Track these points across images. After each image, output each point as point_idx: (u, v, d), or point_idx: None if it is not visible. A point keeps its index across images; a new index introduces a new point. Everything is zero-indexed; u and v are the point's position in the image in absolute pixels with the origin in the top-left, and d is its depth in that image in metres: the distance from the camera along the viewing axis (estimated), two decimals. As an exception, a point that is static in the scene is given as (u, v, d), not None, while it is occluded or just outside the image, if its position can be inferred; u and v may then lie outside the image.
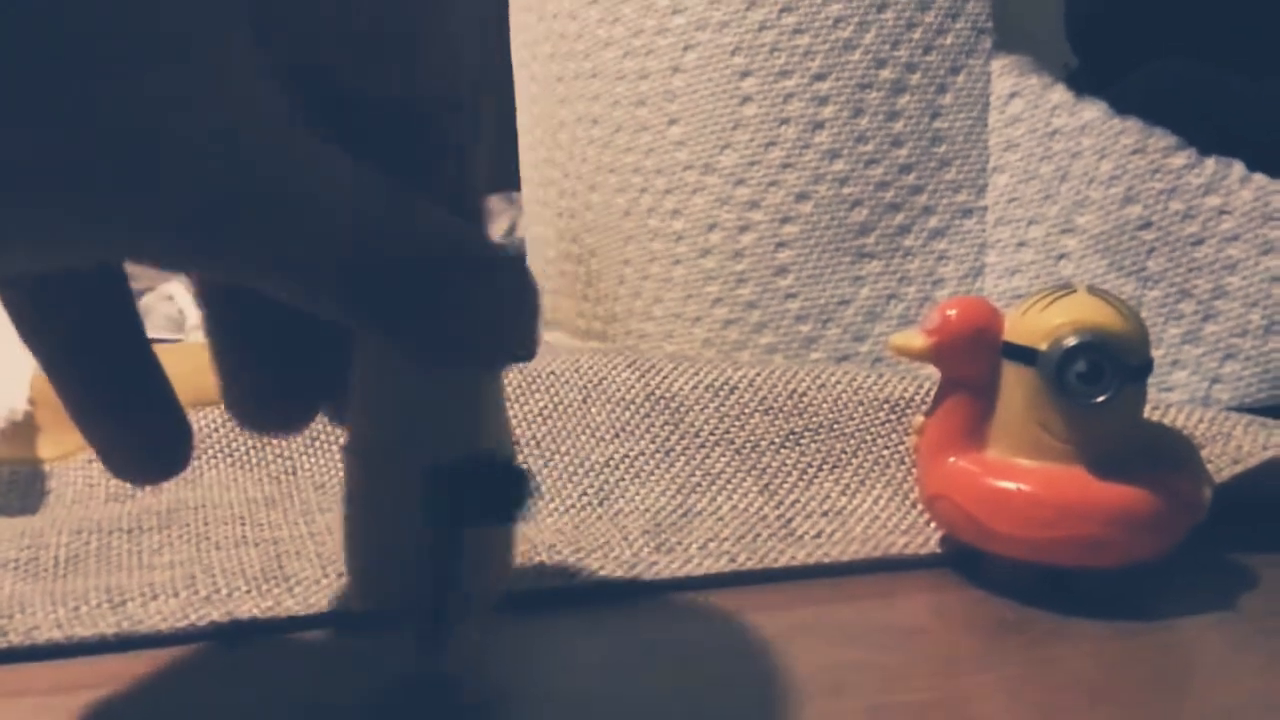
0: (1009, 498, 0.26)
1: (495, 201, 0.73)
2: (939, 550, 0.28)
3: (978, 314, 0.27)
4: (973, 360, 0.27)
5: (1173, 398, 0.34)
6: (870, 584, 0.27)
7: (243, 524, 0.29)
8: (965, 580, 0.28)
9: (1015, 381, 0.26)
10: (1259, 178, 0.33)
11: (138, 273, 0.64)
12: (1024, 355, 0.26)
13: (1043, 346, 0.26)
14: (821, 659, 0.24)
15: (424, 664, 0.21)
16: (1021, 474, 0.26)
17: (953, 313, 0.27)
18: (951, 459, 0.27)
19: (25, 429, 0.33)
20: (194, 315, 0.46)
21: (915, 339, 0.27)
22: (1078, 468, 0.26)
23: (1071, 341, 0.25)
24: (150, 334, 0.46)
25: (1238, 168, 0.34)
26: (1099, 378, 0.25)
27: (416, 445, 0.20)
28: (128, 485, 0.31)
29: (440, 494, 0.19)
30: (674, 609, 0.26)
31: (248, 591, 0.25)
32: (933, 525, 0.29)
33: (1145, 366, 0.26)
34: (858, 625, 0.25)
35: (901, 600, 0.27)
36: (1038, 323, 0.26)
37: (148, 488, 0.31)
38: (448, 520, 0.19)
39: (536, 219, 0.47)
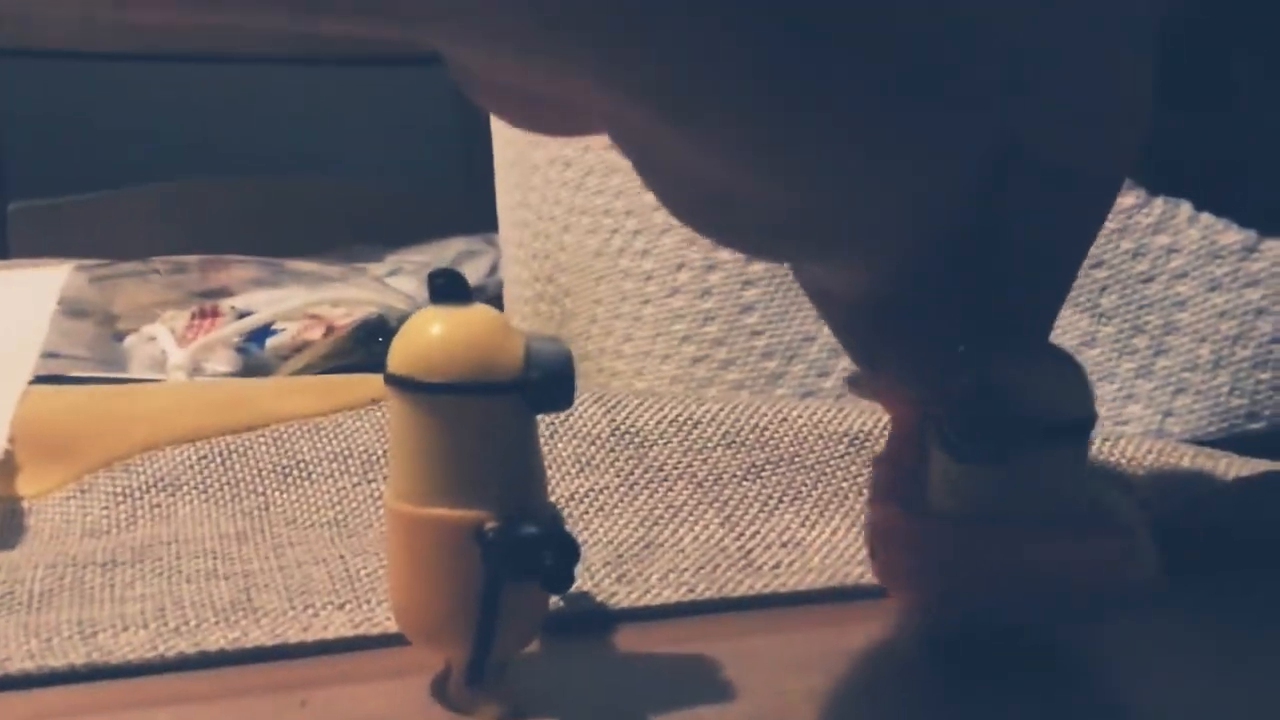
0: (880, 534, 0.26)
1: (476, 243, 0.74)
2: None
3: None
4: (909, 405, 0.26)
5: (1127, 431, 0.35)
6: (825, 613, 0.28)
7: (214, 558, 0.29)
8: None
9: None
10: (1205, 217, 0.35)
11: (124, 311, 0.64)
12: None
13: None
14: (772, 685, 0.24)
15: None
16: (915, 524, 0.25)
17: None
18: (882, 502, 0.27)
19: (6, 467, 0.34)
20: (175, 356, 0.47)
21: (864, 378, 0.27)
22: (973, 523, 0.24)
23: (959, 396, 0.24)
24: (133, 374, 0.46)
25: (1185, 208, 0.35)
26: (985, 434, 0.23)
27: None
28: (103, 521, 0.32)
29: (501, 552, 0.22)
30: (632, 638, 0.27)
31: (215, 623, 0.26)
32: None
33: (1056, 428, 0.24)
34: (810, 653, 0.26)
35: (854, 629, 0.27)
36: None
37: (121, 523, 0.32)
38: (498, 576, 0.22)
39: (512, 260, 0.48)
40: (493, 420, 0.22)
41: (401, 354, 0.22)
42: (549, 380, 0.22)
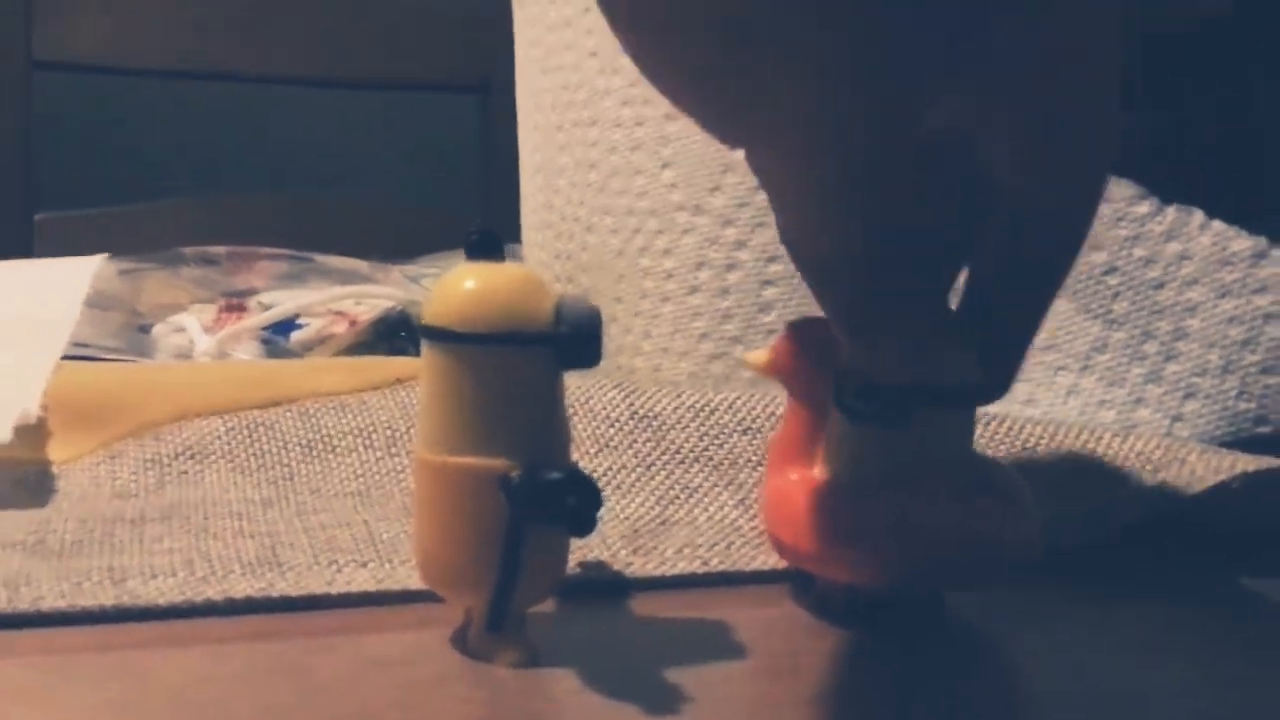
0: (775, 505, 0.27)
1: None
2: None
3: (810, 333, 0.27)
4: (805, 378, 0.27)
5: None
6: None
7: (240, 519, 0.30)
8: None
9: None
10: (1217, 224, 0.35)
11: (148, 309, 0.64)
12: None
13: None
14: (783, 647, 0.25)
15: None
16: (806, 487, 0.26)
17: (789, 331, 0.27)
18: (779, 474, 0.27)
19: (37, 431, 0.35)
20: (202, 343, 0.48)
21: (759, 355, 0.28)
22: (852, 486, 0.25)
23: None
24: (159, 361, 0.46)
25: (1198, 215, 0.36)
26: (870, 398, 0.24)
27: None
28: (132, 485, 0.33)
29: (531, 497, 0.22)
30: (648, 604, 0.27)
31: (242, 574, 0.27)
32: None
33: (932, 392, 0.24)
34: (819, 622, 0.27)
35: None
36: None
37: (150, 487, 0.33)
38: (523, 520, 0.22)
39: (534, 263, 0.49)
40: (522, 372, 0.23)
41: (435, 306, 0.23)
42: (578, 335, 0.23)
